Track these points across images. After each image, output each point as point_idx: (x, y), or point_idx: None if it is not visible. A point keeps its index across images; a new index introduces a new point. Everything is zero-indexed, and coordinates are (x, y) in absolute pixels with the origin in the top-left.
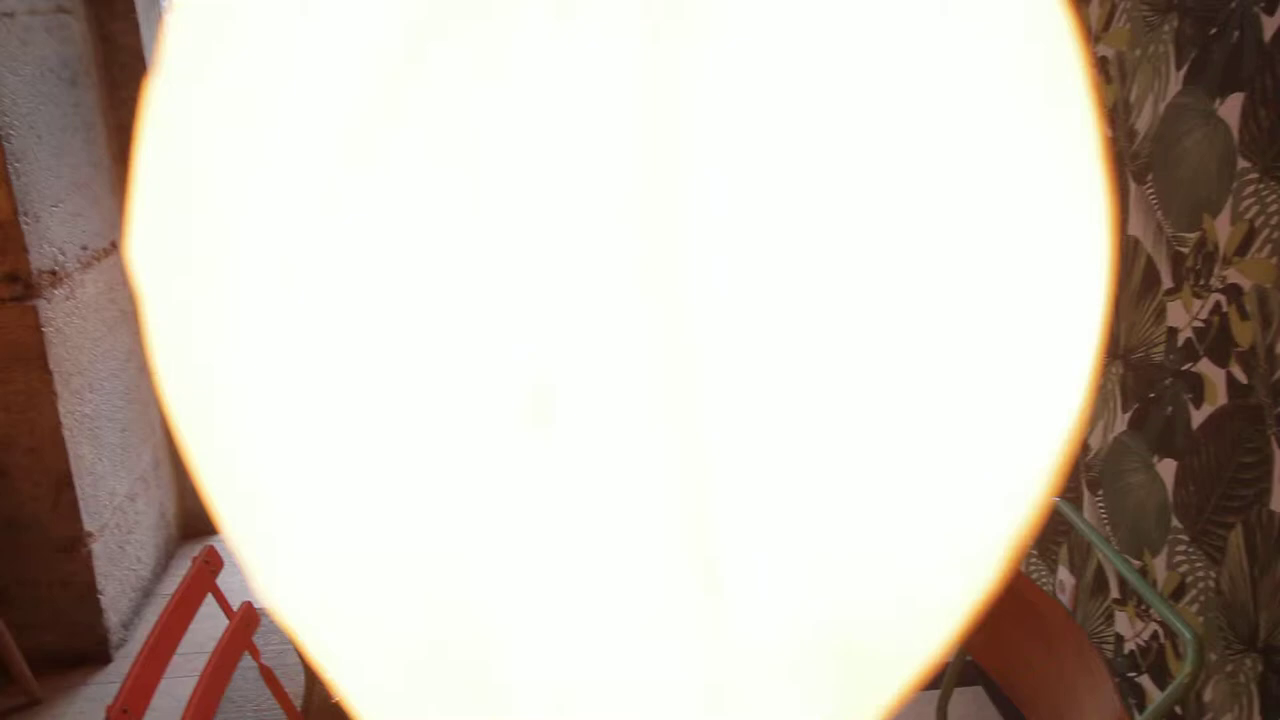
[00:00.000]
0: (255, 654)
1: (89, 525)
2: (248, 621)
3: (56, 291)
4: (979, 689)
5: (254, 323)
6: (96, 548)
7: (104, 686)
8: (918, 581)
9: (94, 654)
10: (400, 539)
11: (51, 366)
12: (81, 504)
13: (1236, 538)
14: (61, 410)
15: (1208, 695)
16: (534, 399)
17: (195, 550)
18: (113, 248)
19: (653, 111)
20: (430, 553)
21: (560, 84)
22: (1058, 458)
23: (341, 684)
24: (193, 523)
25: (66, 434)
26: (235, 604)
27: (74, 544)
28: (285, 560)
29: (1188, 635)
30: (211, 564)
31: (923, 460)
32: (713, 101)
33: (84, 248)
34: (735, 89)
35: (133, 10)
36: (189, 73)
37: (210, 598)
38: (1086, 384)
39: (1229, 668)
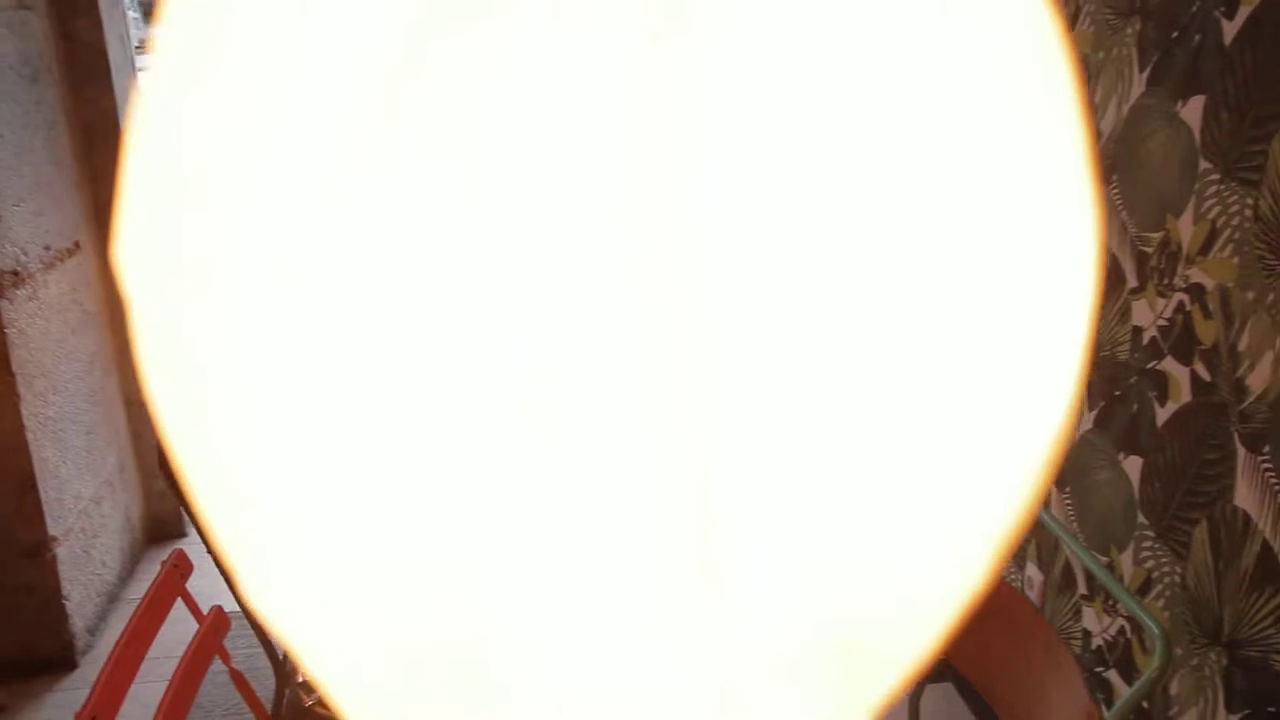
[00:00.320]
0: (226, 658)
1: (53, 529)
2: (217, 626)
3: (19, 292)
4: (948, 685)
5: (252, 323)
6: (61, 552)
7: (70, 693)
8: (916, 580)
9: (59, 660)
10: (399, 539)
11: (14, 368)
12: (45, 508)
13: (1201, 533)
14: (24, 413)
15: (1174, 689)
16: (534, 399)
17: (161, 554)
18: (76, 247)
19: (652, 112)
20: (430, 553)
21: (560, 84)
22: (1050, 454)
23: (338, 685)
24: (158, 526)
25: (30, 437)
26: (202, 608)
27: (38, 548)
28: (281, 563)
29: (1156, 630)
30: (181, 568)
31: (920, 459)
32: (712, 101)
33: (47, 247)
34: (735, 89)
35: (95, 7)
36: (185, 72)
37: (178, 602)
38: (1076, 380)
39: (1194, 661)
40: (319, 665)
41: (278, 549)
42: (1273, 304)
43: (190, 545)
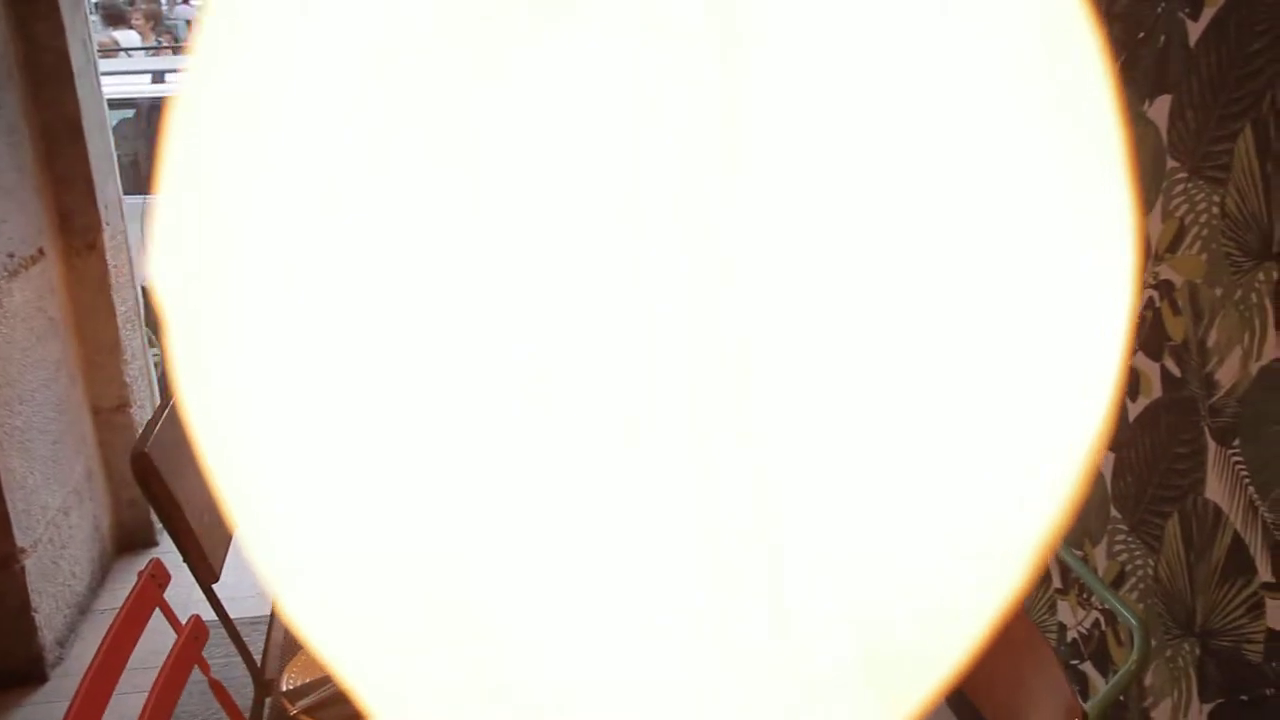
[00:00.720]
0: (205, 668)
1: (21, 540)
2: (196, 635)
3: None
4: None
5: (255, 324)
6: (29, 563)
7: (40, 707)
8: (940, 587)
9: (29, 674)
10: (400, 539)
11: None
12: (13, 519)
13: (1173, 526)
14: None
15: (1148, 680)
16: (534, 399)
17: (131, 564)
18: (40, 254)
19: (652, 111)
20: (430, 553)
21: (560, 84)
22: (1084, 463)
23: (341, 683)
24: (127, 536)
25: None
26: (176, 617)
27: (6, 560)
28: (284, 562)
29: (1134, 622)
30: (158, 577)
31: (945, 465)
32: (716, 101)
33: (10, 255)
34: (739, 89)
35: (56, 10)
36: (199, 79)
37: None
38: (1113, 386)
39: (1168, 653)
40: (329, 660)
41: (281, 549)
42: (1240, 299)
43: (163, 555)
